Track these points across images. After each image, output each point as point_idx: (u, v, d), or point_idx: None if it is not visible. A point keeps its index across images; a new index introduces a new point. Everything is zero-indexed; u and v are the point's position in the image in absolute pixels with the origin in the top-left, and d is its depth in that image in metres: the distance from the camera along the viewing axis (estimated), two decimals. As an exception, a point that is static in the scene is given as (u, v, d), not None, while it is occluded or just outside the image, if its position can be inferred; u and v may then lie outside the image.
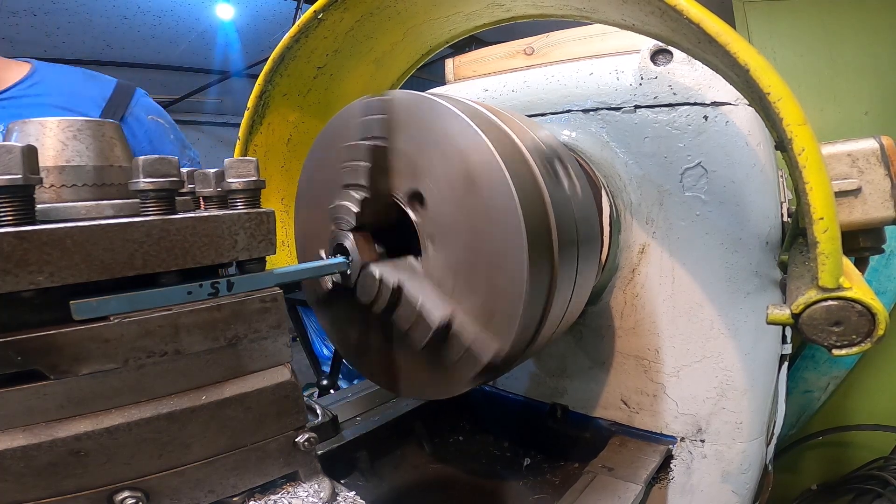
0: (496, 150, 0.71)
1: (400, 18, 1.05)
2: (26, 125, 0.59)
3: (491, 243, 0.73)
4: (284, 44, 1.04)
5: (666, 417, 1.17)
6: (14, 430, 0.48)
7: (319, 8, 0.97)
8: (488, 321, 0.75)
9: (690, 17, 0.61)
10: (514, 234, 0.70)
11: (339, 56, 1.13)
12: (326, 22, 1.01)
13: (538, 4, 0.97)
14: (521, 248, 0.70)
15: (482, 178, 0.72)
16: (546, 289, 0.78)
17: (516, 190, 0.70)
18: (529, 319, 0.76)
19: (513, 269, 0.72)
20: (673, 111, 1.08)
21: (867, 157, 0.75)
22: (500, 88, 1.34)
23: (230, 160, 0.61)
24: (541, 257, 0.74)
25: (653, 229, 1.14)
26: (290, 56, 1.07)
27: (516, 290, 0.72)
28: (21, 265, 0.46)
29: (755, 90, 0.61)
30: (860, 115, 2.57)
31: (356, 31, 1.07)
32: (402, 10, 1.02)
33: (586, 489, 0.98)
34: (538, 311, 0.79)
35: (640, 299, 1.17)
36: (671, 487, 1.18)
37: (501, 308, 0.74)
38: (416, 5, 1.01)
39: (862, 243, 0.78)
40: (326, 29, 1.03)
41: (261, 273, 0.62)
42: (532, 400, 1.38)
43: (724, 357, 1.09)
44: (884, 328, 0.53)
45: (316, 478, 0.66)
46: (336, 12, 0.99)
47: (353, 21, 1.03)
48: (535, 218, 0.73)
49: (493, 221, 0.72)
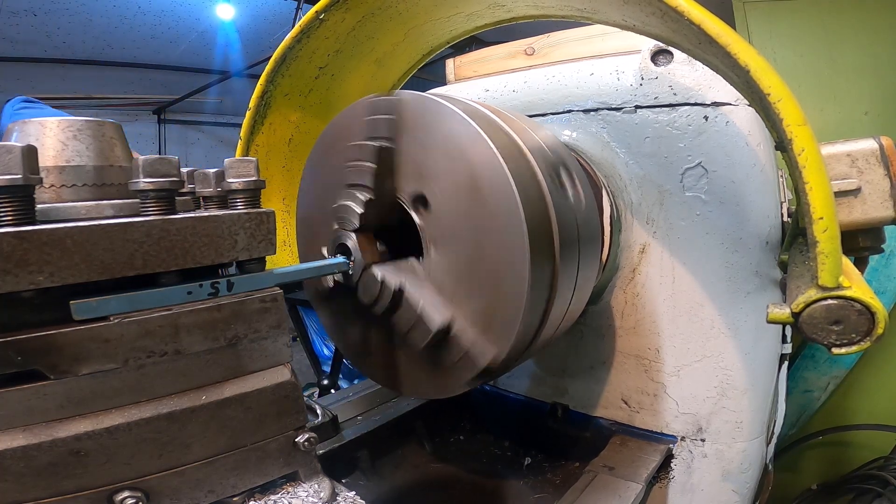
0: (501, 156, 0.71)
1: (401, 19, 1.06)
2: (26, 125, 0.59)
3: (493, 250, 0.74)
4: (286, 44, 1.04)
5: (666, 417, 1.17)
6: (14, 430, 0.48)
7: (321, 8, 0.97)
8: (487, 326, 0.76)
9: (692, 18, 0.61)
10: (516, 243, 0.71)
11: (341, 56, 1.13)
12: (328, 22, 1.02)
13: (539, 5, 0.97)
14: (523, 258, 0.71)
15: (487, 186, 0.72)
16: (546, 293, 0.79)
17: (520, 198, 0.70)
18: (529, 324, 0.77)
19: (514, 277, 0.73)
20: (673, 111, 1.08)
21: (867, 157, 0.75)
22: (501, 89, 1.34)
23: (230, 160, 0.61)
24: (542, 264, 0.75)
25: (653, 229, 1.14)
26: (292, 56, 1.07)
27: (516, 297, 0.73)
28: (21, 265, 0.46)
29: (755, 91, 0.62)
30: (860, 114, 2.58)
31: (358, 32, 1.07)
32: (404, 11, 1.03)
33: (587, 488, 0.98)
34: (538, 315, 0.79)
35: (641, 299, 1.17)
36: (672, 486, 1.18)
37: (501, 314, 0.75)
38: (417, 6, 1.01)
39: (861, 243, 0.79)
40: (328, 29, 1.04)
41: (261, 273, 0.62)
42: (533, 399, 1.38)
43: (725, 356, 1.10)
44: (883, 327, 0.53)
45: (316, 478, 0.66)
46: (338, 13, 0.99)
47: (355, 21, 1.04)
48: (538, 225, 0.74)
49: (495, 229, 0.73)
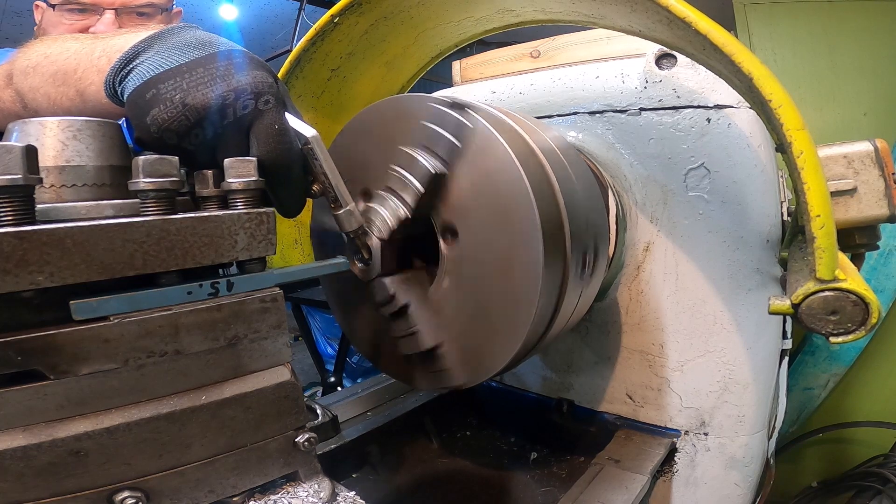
0: (541, 221, 0.72)
1: (413, 23, 1.08)
2: (26, 125, 0.59)
3: (500, 306, 0.78)
4: (302, 47, 1.07)
5: (670, 411, 1.20)
6: (14, 430, 0.47)
7: (336, 12, 1.00)
8: (467, 362, 0.82)
9: (698, 28, 0.64)
10: (521, 318, 0.75)
11: (353, 59, 1.16)
12: (342, 26, 1.04)
13: (547, 10, 1.00)
14: (526, 321, 0.75)
15: (519, 261, 0.75)
16: (543, 328, 0.83)
17: (542, 284, 0.73)
18: (512, 363, 0.82)
19: (511, 338, 0.77)
20: (677, 114, 1.11)
21: (862, 158, 0.79)
22: (508, 91, 1.37)
23: (230, 160, 0.60)
24: (541, 329, 0.81)
25: (657, 228, 1.17)
26: (307, 59, 1.10)
27: (505, 353, 0.78)
28: (21, 265, 0.45)
29: (757, 97, 0.65)
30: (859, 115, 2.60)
31: (370, 35, 1.10)
32: (416, 15, 1.05)
33: (594, 479, 1.01)
34: (522, 354, 0.84)
35: (645, 296, 1.20)
36: (675, 480, 1.21)
37: (485, 359, 0.81)
38: (428, 10, 1.04)
39: (857, 240, 0.82)
40: (342, 32, 1.06)
41: (261, 273, 0.61)
42: (538, 395, 1.41)
43: (727, 351, 1.12)
44: (877, 317, 0.57)
45: (316, 478, 0.66)
46: (352, 16, 1.02)
47: (368, 25, 1.06)
48: (545, 317, 0.80)
49: (510, 293, 0.76)
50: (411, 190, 0.78)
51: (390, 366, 0.96)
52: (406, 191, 0.79)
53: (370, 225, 0.81)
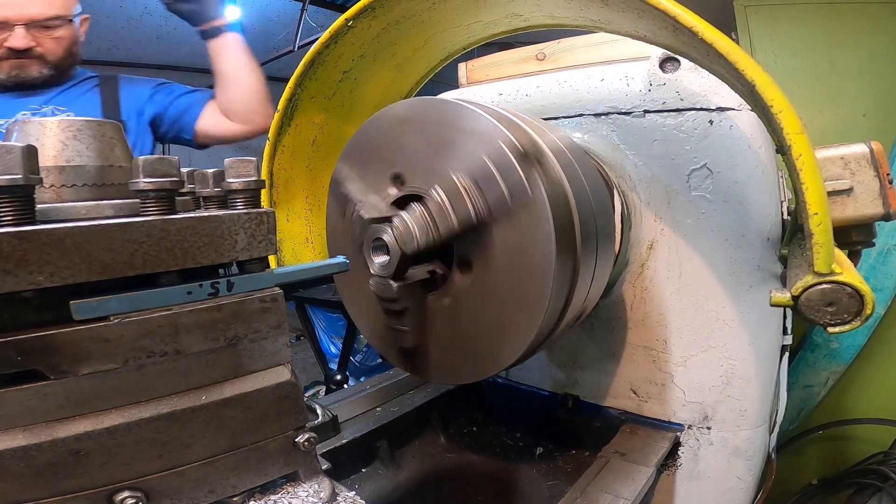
0: (555, 226, 0.75)
1: (423, 26, 1.11)
2: (26, 125, 0.59)
3: (493, 346, 0.85)
4: (316, 49, 1.10)
5: (674, 406, 1.23)
6: (14, 430, 0.47)
7: (351, 15, 1.03)
8: (445, 377, 0.92)
9: (704, 38, 0.67)
10: (520, 343, 0.83)
11: (364, 61, 1.19)
12: (355, 29, 1.07)
13: (555, 15, 1.03)
14: (514, 352, 0.84)
15: (532, 293, 0.79)
16: (548, 330, 0.88)
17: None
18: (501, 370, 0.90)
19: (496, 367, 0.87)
20: (680, 116, 1.14)
21: (858, 160, 0.82)
22: (514, 93, 1.40)
23: (230, 160, 0.60)
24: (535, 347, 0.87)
25: (661, 226, 1.20)
26: (320, 61, 1.13)
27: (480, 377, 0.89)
28: (21, 265, 0.45)
29: (759, 101, 0.68)
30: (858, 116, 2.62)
31: (382, 38, 1.13)
32: (427, 19, 1.08)
33: (601, 472, 1.03)
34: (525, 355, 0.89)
35: (649, 292, 1.23)
36: (679, 474, 1.23)
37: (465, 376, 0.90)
38: (439, 14, 1.07)
39: (854, 237, 0.86)
40: (355, 35, 1.09)
41: (261, 273, 0.61)
42: (544, 391, 1.44)
43: (729, 347, 1.15)
44: (871, 308, 0.60)
45: (316, 478, 0.66)
46: (365, 20, 1.05)
47: (380, 28, 1.09)
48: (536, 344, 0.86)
49: (508, 339, 0.84)
50: (448, 225, 0.79)
51: (393, 355, 1.02)
52: (443, 222, 0.79)
53: (394, 232, 0.82)
